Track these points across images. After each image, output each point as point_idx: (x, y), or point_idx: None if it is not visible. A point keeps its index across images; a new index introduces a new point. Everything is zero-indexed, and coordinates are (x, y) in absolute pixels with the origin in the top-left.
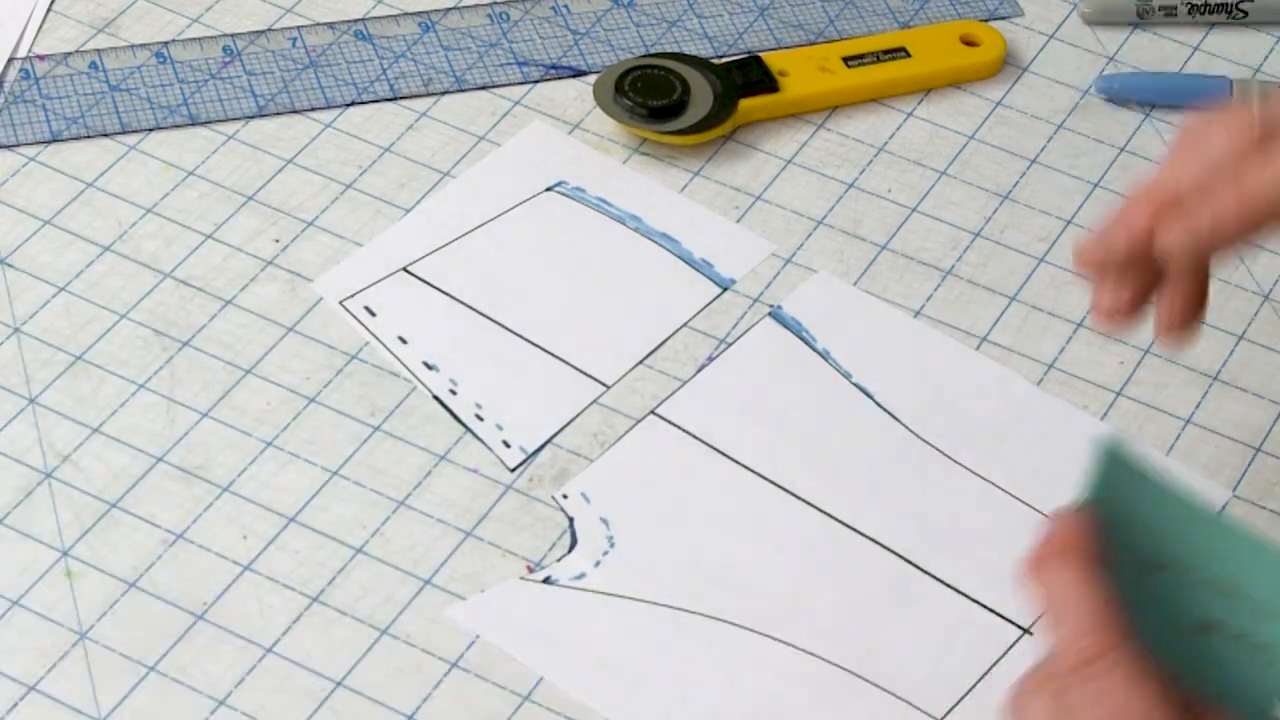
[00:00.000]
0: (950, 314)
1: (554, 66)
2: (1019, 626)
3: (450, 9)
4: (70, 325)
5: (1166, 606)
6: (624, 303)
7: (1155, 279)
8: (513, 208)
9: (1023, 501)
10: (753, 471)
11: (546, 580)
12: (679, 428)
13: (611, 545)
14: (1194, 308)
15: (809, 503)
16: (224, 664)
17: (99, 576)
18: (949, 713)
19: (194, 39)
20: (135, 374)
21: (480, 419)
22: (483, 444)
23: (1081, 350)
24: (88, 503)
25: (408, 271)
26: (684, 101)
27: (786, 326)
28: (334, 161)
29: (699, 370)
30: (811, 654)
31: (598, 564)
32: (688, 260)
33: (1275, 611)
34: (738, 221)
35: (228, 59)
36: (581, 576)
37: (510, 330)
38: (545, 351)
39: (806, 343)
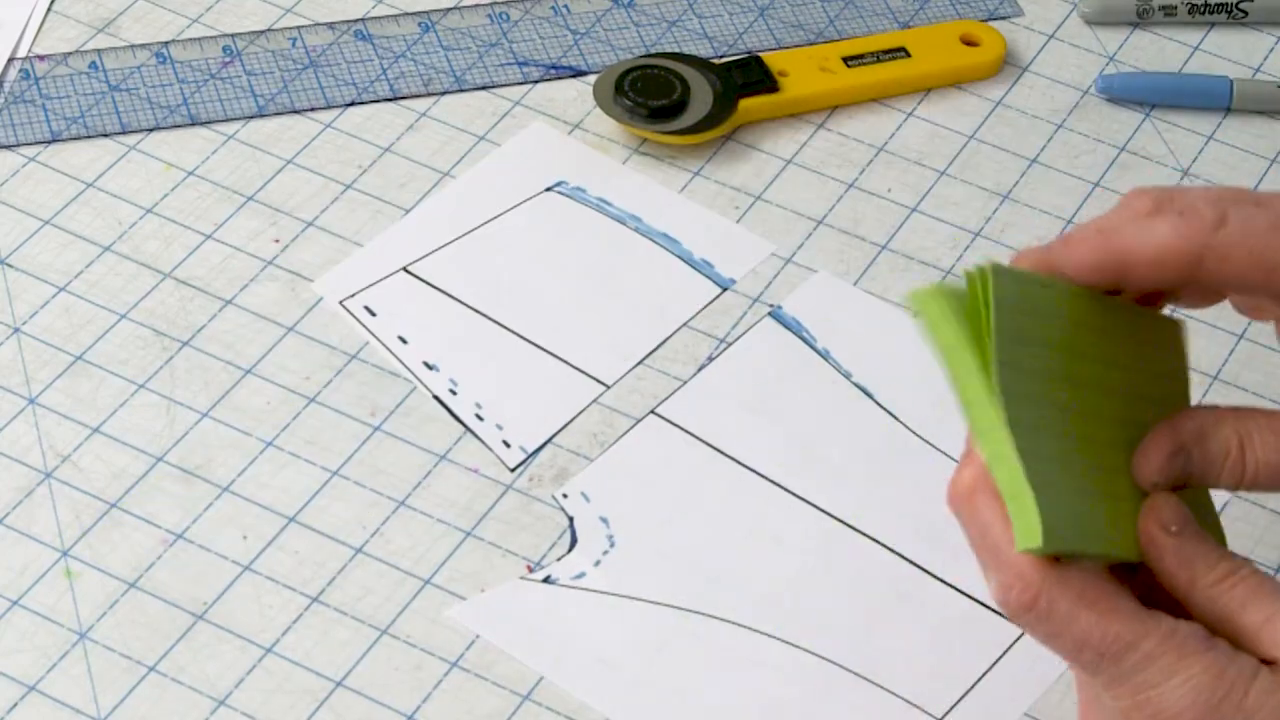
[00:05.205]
0: None
1: (554, 66)
2: None
3: (450, 9)
4: (70, 325)
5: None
6: (624, 303)
7: None
8: (513, 208)
9: None
10: (753, 471)
11: (546, 580)
12: (679, 427)
13: (611, 545)
14: None
15: (809, 502)
16: (224, 664)
17: (99, 576)
18: (949, 712)
19: (194, 39)
20: (135, 374)
21: (480, 419)
22: (483, 444)
23: None
24: (88, 503)
25: (408, 271)
26: (684, 101)
27: (786, 326)
28: (334, 161)
29: (699, 370)
30: (812, 653)
31: (598, 563)
32: (688, 260)
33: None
34: (738, 221)
35: (228, 59)
36: (581, 576)
37: (510, 330)
38: (545, 351)
39: (806, 343)
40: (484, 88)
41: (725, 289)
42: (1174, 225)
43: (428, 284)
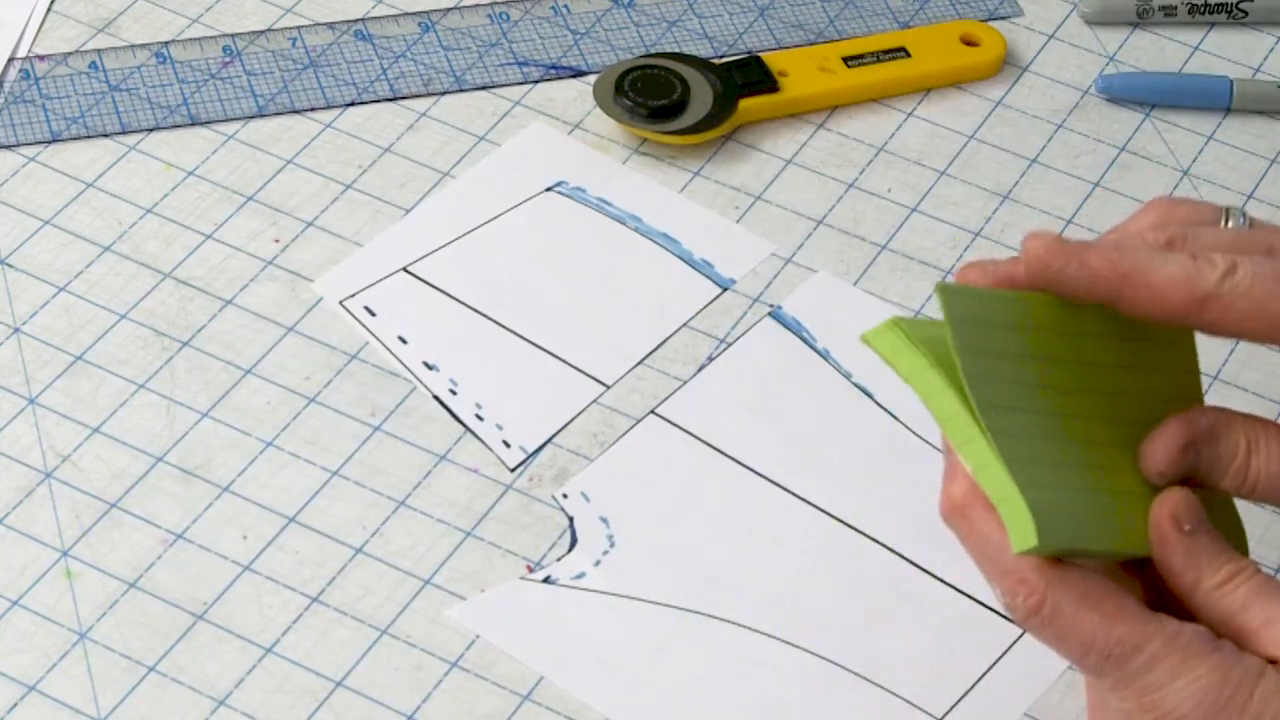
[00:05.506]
0: None
1: (554, 66)
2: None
3: (450, 9)
4: (70, 325)
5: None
6: (624, 303)
7: None
8: (513, 208)
9: None
10: (753, 471)
11: (546, 580)
12: (679, 427)
13: (611, 545)
14: None
15: (809, 502)
16: (224, 664)
17: (99, 576)
18: (949, 712)
19: (194, 39)
20: (135, 374)
21: (480, 419)
22: (483, 444)
23: None
24: (88, 503)
25: (408, 271)
26: (684, 101)
27: (786, 326)
28: (334, 161)
29: (699, 370)
30: (812, 653)
31: (598, 563)
32: (688, 260)
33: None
34: (738, 221)
35: (228, 59)
36: (581, 576)
37: (510, 330)
38: (545, 351)
39: (806, 343)
40: (484, 88)
41: (725, 289)
42: (1183, 266)
43: (428, 284)
